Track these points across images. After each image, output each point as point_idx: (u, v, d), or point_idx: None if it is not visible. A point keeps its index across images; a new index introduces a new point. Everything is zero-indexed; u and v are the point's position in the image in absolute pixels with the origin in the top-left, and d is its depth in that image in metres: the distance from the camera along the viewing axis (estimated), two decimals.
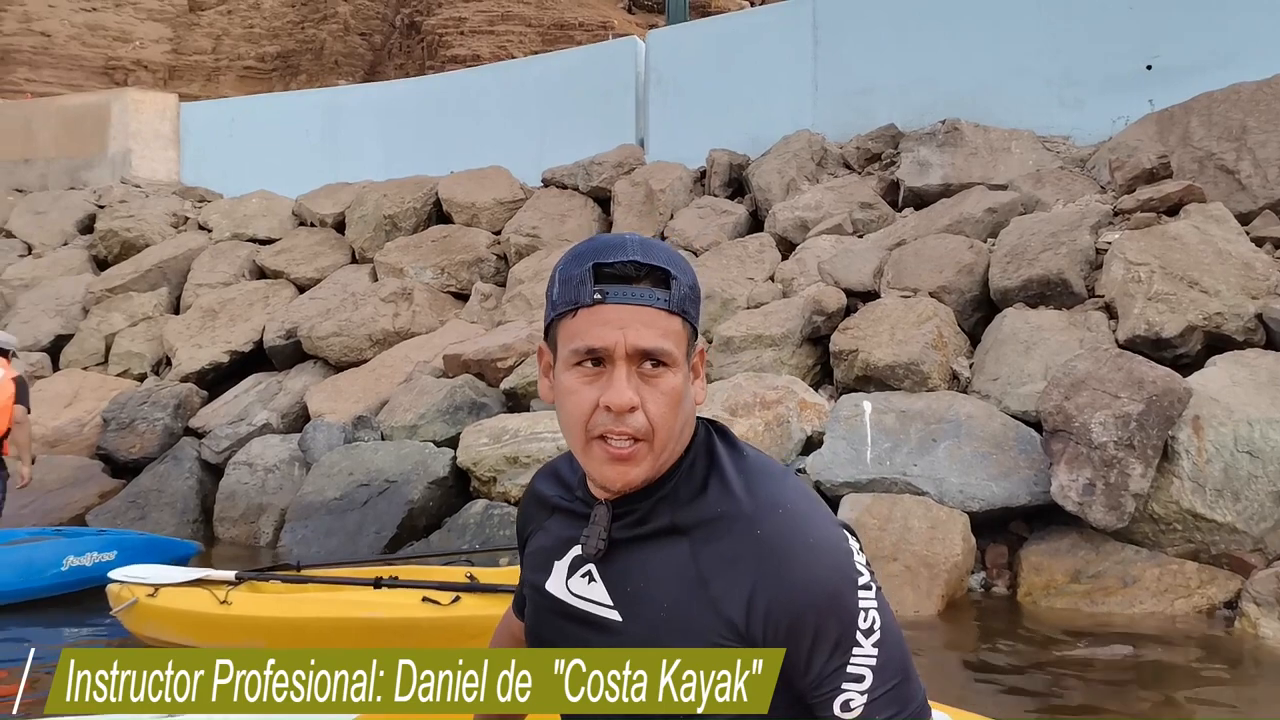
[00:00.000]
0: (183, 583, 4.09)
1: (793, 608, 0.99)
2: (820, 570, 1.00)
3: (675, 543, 1.04)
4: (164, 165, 12.62)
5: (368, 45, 26.17)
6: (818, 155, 8.64)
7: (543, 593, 1.15)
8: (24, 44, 26.47)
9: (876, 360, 5.96)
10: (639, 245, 1.03)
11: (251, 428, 7.64)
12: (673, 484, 1.06)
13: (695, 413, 1.08)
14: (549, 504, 1.19)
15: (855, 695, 1.00)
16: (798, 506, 1.04)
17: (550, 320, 1.06)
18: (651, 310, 1.01)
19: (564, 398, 1.04)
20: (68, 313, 9.81)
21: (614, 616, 1.06)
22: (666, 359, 1.01)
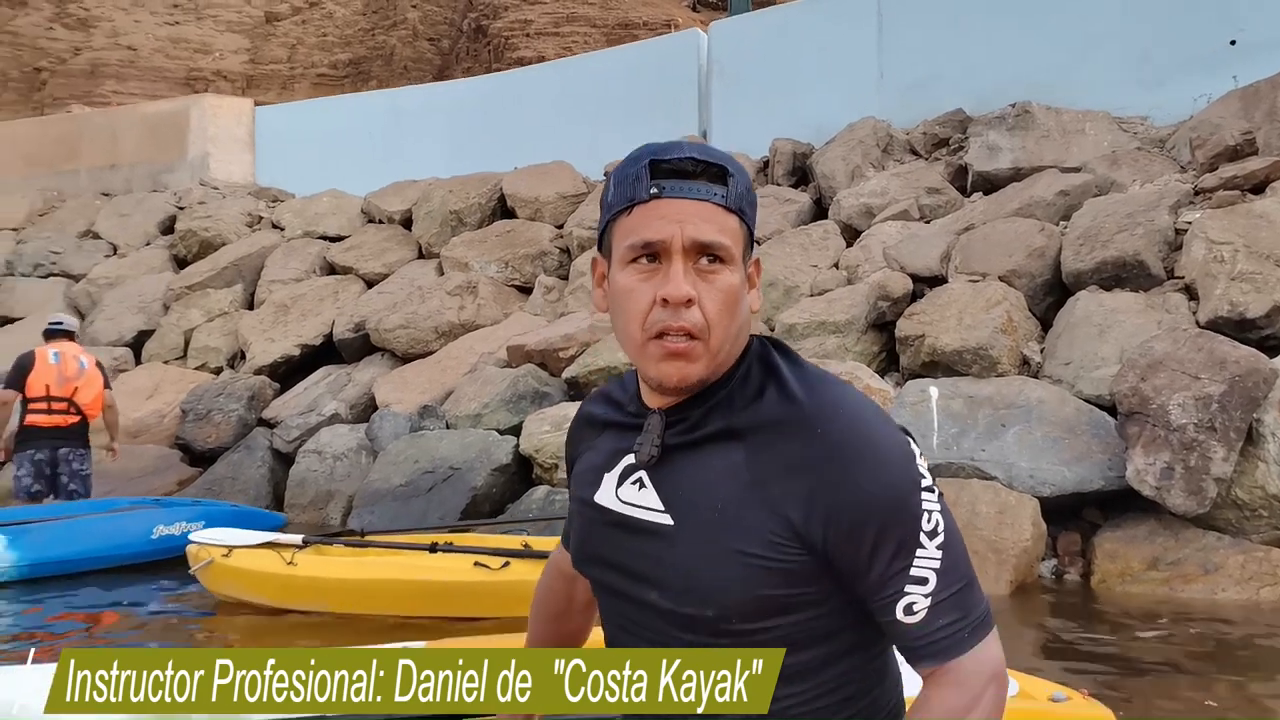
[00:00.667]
0: (254, 545, 4.30)
1: (857, 509, 0.97)
2: (885, 471, 0.98)
3: (730, 447, 1.03)
4: (240, 167, 13.02)
5: (436, 50, 26.62)
6: (883, 142, 8.50)
7: (592, 505, 1.14)
8: (112, 58, 27.58)
9: (944, 345, 5.83)
10: (696, 146, 1.02)
11: (321, 418, 7.80)
12: (727, 390, 1.04)
13: (750, 322, 1.07)
14: (599, 422, 1.19)
15: (919, 598, 0.98)
16: (859, 409, 1.02)
17: (605, 224, 1.05)
18: (709, 205, 1.00)
19: (620, 296, 1.03)
20: (149, 309, 10.16)
21: (666, 520, 1.05)
22: (723, 254, 1.00)
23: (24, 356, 6.29)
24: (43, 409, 6.16)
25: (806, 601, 1.01)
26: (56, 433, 6.21)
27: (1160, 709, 3.21)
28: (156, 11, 28.72)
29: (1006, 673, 1.03)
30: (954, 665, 0.99)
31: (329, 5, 28.43)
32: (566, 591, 1.38)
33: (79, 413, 6.29)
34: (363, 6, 28.00)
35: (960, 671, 0.99)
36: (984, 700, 0.99)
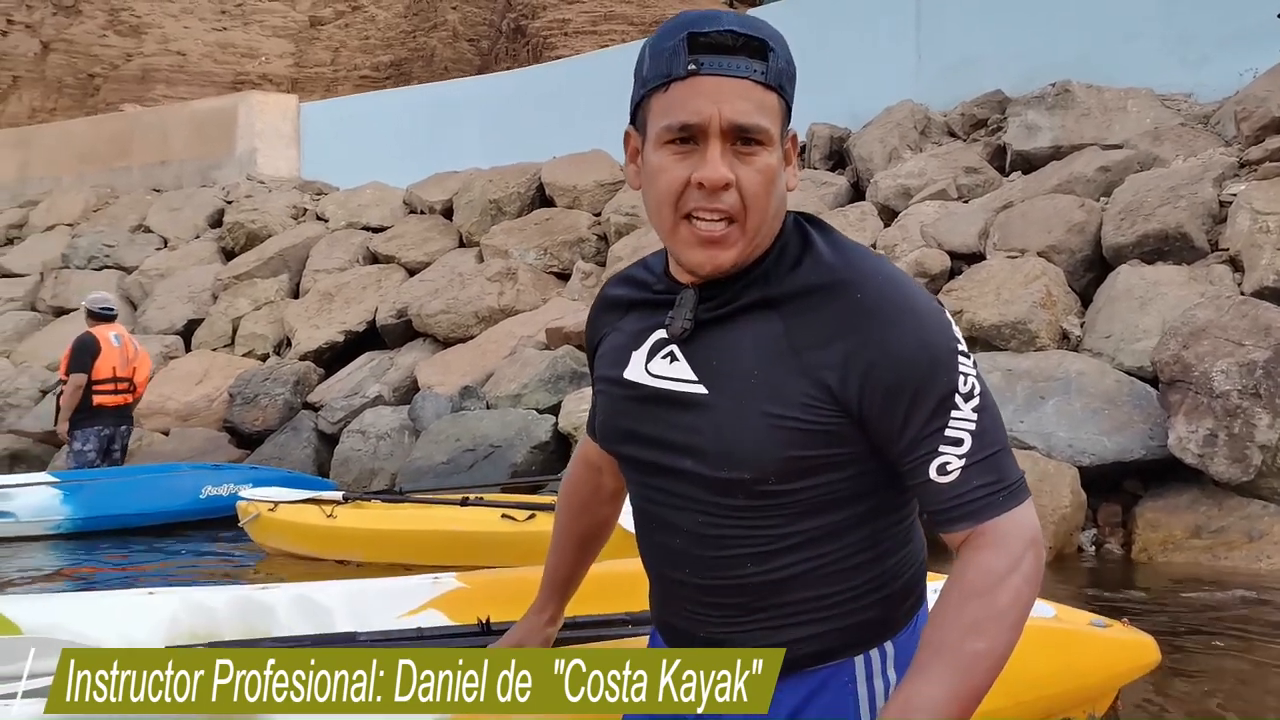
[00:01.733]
0: (298, 500, 4.51)
1: (896, 368, 0.96)
2: (924, 333, 0.97)
3: (766, 317, 1.02)
4: (285, 162, 13.29)
5: (475, 50, 26.89)
6: (921, 124, 8.47)
7: (620, 383, 1.12)
8: (162, 63, 28.22)
9: (982, 320, 5.81)
10: (735, 17, 1.00)
11: (365, 399, 7.96)
12: (764, 267, 1.03)
13: (787, 200, 1.06)
14: (623, 303, 1.17)
15: (953, 459, 0.97)
16: (895, 273, 1.02)
17: (639, 99, 1.02)
18: (748, 83, 0.96)
19: (654, 176, 1.01)
20: (199, 299, 10.43)
21: (699, 390, 1.04)
22: (762, 136, 0.97)
23: (86, 341, 6.55)
24: (109, 389, 6.53)
25: (841, 462, 1.01)
26: (120, 411, 6.70)
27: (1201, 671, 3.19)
28: (205, 18, 29.36)
29: (1042, 543, 1.01)
30: (990, 526, 0.97)
31: (371, 8, 28.87)
32: (593, 482, 1.39)
33: (133, 391, 6.75)
34: (404, 9, 28.39)
35: (997, 533, 0.97)
36: (1024, 563, 0.96)
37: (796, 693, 1.06)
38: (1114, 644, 2.20)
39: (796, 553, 1.05)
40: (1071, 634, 2.15)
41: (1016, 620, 0.95)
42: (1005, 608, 0.94)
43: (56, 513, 5.40)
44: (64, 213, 13.21)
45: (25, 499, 5.40)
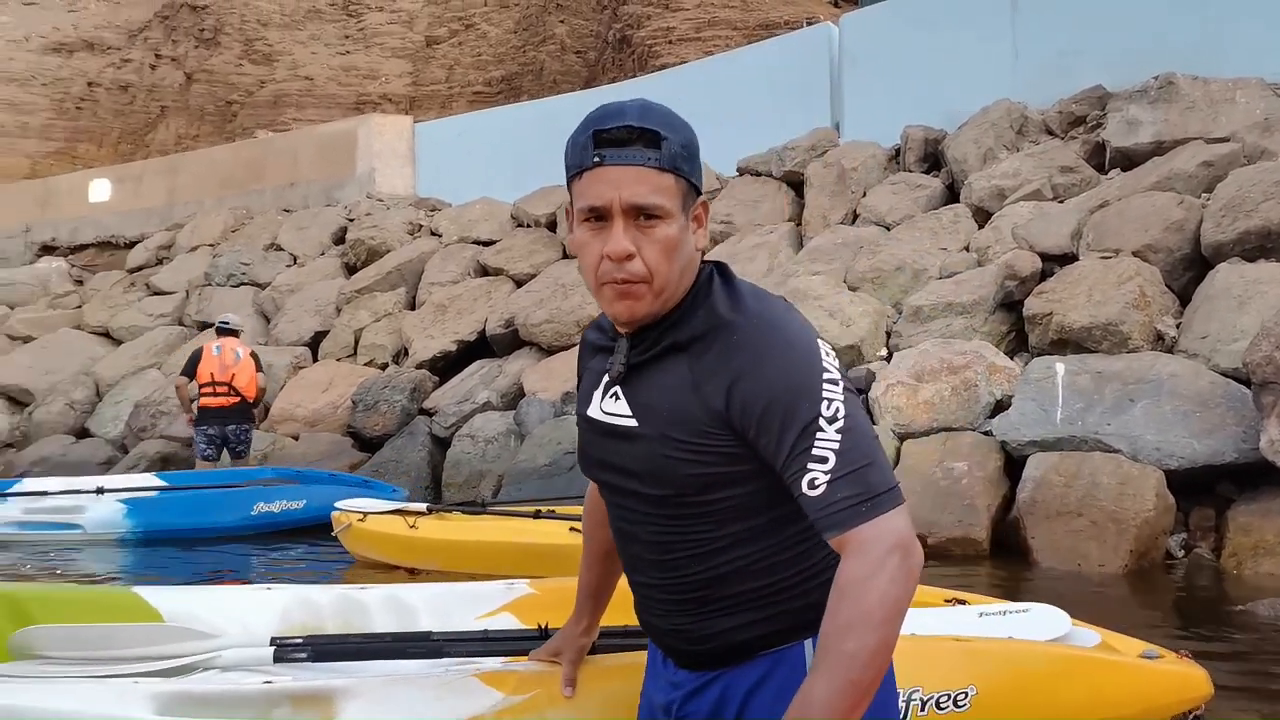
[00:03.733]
0: (385, 511, 4.83)
1: (765, 394, 1.13)
2: (789, 363, 1.14)
3: (677, 359, 1.21)
4: (402, 180, 14.04)
5: (583, 62, 27.49)
6: (1017, 123, 8.37)
7: (587, 419, 1.34)
8: (292, 89, 29.95)
9: (1072, 322, 5.79)
10: (637, 110, 1.17)
11: (474, 405, 8.42)
12: (678, 315, 1.22)
13: (697, 258, 1.24)
14: (592, 346, 1.38)
15: (819, 474, 1.10)
16: (774, 316, 1.20)
17: (567, 182, 1.23)
18: (643, 169, 1.14)
19: (578, 249, 1.22)
20: (324, 312, 11.17)
21: (633, 424, 1.24)
22: (658, 212, 1.15)
23: (195, 351, 7.70)
24: (209, 392, 7.54)
25: (743, 476, 1.19)
26: (222, 411, 7.59)
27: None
28: (330, 43, 31.02)
29: (916, 547, 1.10)
30: (854, 535, 1.08)
31: (483, 25, 29.89)
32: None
33: (238, 394, 7.59)
34: (514, 25, 29.27)
35: (862, 540, 1.08)
36: (887, 568, 1.06)
37: (753, 673, 1.25)
38: (1160, 676, 2.14)
39: (728, 552, 1.24)
40: (1111, 664, 2.15)
41: (884, 619, 1.05)
42: (870, 608, 1.04)
43: (120, 525, 5.92)
44: (206, 234, 14.30)
45: (93, 512, 5.97)
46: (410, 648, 1.99)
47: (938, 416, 5.70)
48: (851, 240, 7.98)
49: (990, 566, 4.75)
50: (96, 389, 11.53)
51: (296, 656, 1.96)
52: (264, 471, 7.03)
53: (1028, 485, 4.86)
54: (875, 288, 7.27)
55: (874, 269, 7.39)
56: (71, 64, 32.99)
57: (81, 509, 5.97)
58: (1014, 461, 5.23)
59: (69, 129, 31.91)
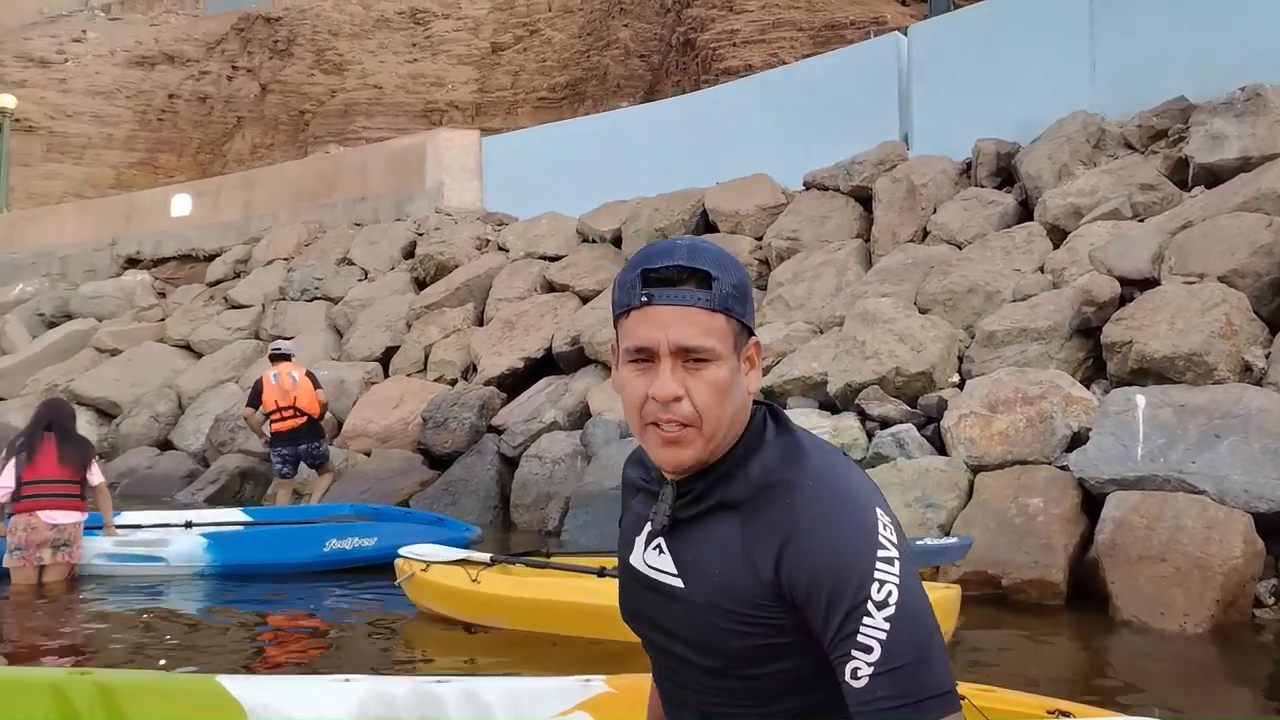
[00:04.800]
0: (448, 561, 4.76)
1: (810, 570, 1.05)
2: (842, 534, 1.06)
3: (727, 517, 1.14)
4: (469, 194, 14.25)
5: (646, 66, 27.54)
6: (1094, 137, 8.14)
7: (628, 567, 1.27)
8: (361, 97, 30.61)
9: (1153, 352, 5.60)
10: (686, 249, 1.14)
11: (542, 425, 8.51)
12: (726, 465, 1.15)
13: (749, 401, 1.18)
14: (633, 485, 1.31)
15: (863, 665, 1.02)
16: (833, 476, 1.12)
17: (614, 321, 1.19)
18: (693, 310, 1.10)
19: (622, 389, 1.16)
20: (395, 327, 11.39)
21: (678, 584, 1.17)
22: (708, 355, 1.10)
23: (256, 383, 8.23)
24: (277, 418, 8.04)
25: (799, 648, 1.10)
26: (292, 433, 8.07)
27: None
28: (398, 51, 31.63)
29: None
30: None
31: (547, 31, 30.16)
32: None
33: (304, 414, 8.05)
34: (577, 30, 29.47)
35: None
36: None
37: None
38: None
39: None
40: None
41: None
42: None
43: (200, 560, 6.12)
44: (280, 248, 14.70)
45: (176, 546, 6.18)
46: None
47: (1012, 449, 5.58)
48: (922, 260, 7.86)
49: (1066, 617, 4.63)
50: (179, 401, 11.95)
51: None
52: (341, 508, 7.23)
53: (1107, 526, 4.73)
54: (946, 310, 7.15)
55: (945, 290, 7.27)
56: (153, 77, 34.22)
57: (166, 543, 6.20)
58: (1092, 499, 5.10)
59: (151, 139, 33.12)
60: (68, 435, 6.07)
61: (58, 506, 5.83)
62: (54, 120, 32.68)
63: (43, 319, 15.90)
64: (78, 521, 5.93)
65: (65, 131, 32.59)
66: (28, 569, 5.77)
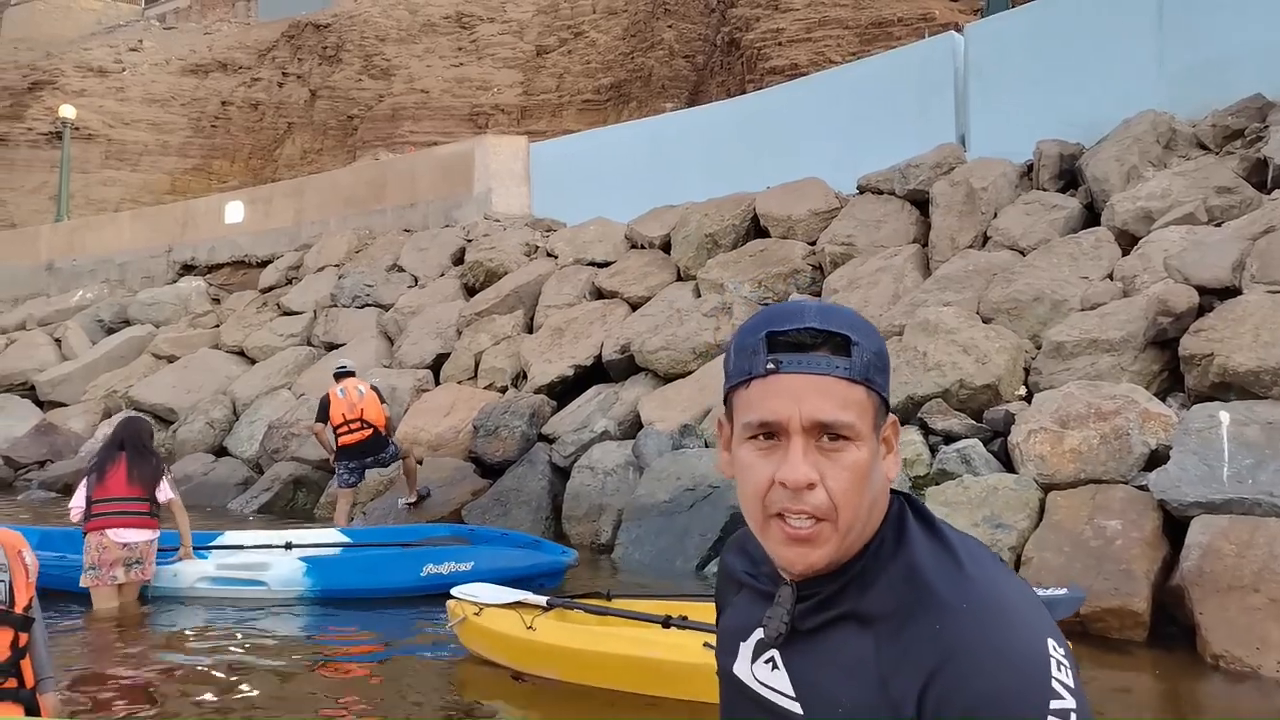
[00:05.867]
0: (501, 604, 4.49)
1: (961, 712, 0.86)
2: (1003, 681, 0.86)
3: (860, 634, 0.96)
4: (518, 200, 14.23)
5: (691, 66, 27.39)
6: (1164, 137, 7.84)
7: (731, 676, 1.09)
8: (408, 101, 30.88)
9: (1237, 365, 5.35)
10: (817, 312, 0.98)
11: (593, 434, 8.42)
12: (860, 566, 0.97)
13: (887, 490, 1.01)
14: (737, 580, 1.13)
15: None
16: (993, 601, 0.92)
17: (727, 392, 1.01)
18: (830, 379, 0.94)
19: (740, 473, 0.98)
20: (445, 334, 11.38)
21: (796, 709, 0.99)
22: (848, 432, 0.94)
23: (324, 398, 8.38)
24: (344, 431, 8.13)
25: None
26: (359, 446, 8.15)
27: None
28: (444, 55, 31.83)
29: None
30: None
31: (591, 33, 30.13)
32: None
33: (370, 426, 8.14)
34: (622, 32, 29.39)
35: None
36: None
37: None
38: None
39: None
40: None
41: None
42: None
43: (299, 584, 6.15)
44: (331, 254, 14.81)
45: (276, 570, 6.23)
46: None
47: (1085, 467, 5.36)
48: (983, 266, 7.63)
49: (1149, 652, 4.40)
50: (233, 408, 12.07)
51: None
52: (438, 529, 7.22)
53: (1193, 553, 4.50)
54: (1011, 319, 6.92)
55: (1009, 299, 7.04)
56: (207, 84, 34.85)
57: (266, 566, 6.26)
58: (1173, 521, 4.87)
59: (205, 146, 33.73)
60: (140, 453, 6.06)
61: (127, 524, 5.85)
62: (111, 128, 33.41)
63: (101, 325, 16.20)
64: (149, 540, 5.95)
65: (122, 139, 33.32)
66: (104, 589, 5.82)
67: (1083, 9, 9.19)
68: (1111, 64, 8.75)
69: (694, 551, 6.62)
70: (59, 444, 12.34)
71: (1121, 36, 8.78)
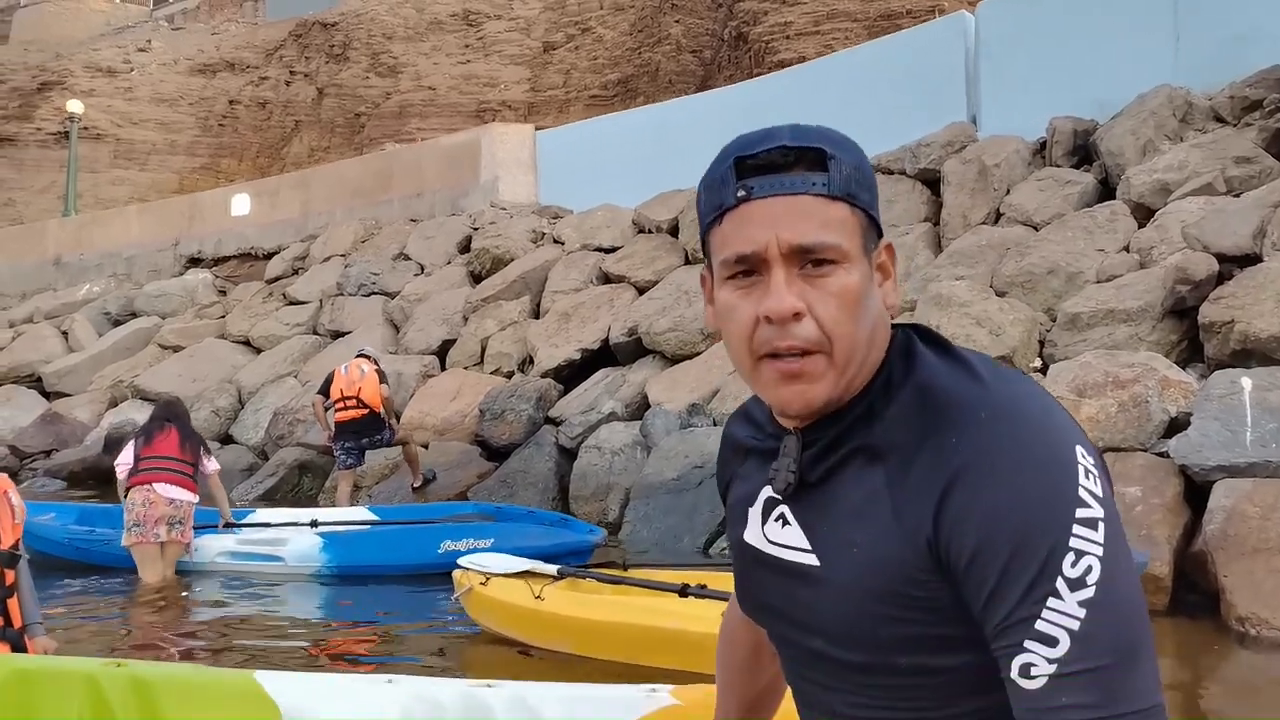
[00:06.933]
0: (510, 574, 4.26)
1: (980, 526, 0.78)
2: (1024, 483, 0.78)
3: (870, 470, 0.88)
4: (524, 188, 14.15)
5: (698, 61, 27.30)
6: (1180, 111, 7.71)
7: (742, 546, 1.02)
8: (416, 99, 30.90)
9: (1258, 331, 5.23)
10: (789, 130, 0.89)
11: (600, 415, 8.33)
12: (866, 403, 0.89)
13: (887, 321, 0.93)
14: (743, 447, 1.05)
15: (1040, 661, 0.76)
16: (1015, 407, 0.83)
17: (703, 236, 0.93)
18: (806, 199, 0.85)
19: (723, 319, 0.90)
20: (451, 321, 11.31)
21: (813, 561, 0.92)
22: (832, 254, 0.85)
23: (329, 373, 8.38)
24: (340, 408, 8.09)
25: (970, 641, 0.83)
26: (354, 424, 8.08)
27: None
28: (451, 53, 31.83)
29: None
30: None
31: (598, 29, 30.09)
32: (751, 639, 1.21)
33: (365, 406, 8.06)
34: (629, 27, 29.34)
35: None
36: None
37: None
38: None
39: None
40: None
41: None
42: None
43: (316, 560, 6.12)
44: (337, 245, 14.76)
45: (294, 545, 6.20)
46: None
47: (1104, 435, 5.24)
48: (996, 241, 7.51)
49: (1174, 621, 4.27)
50: (239, 396, 12.02)
51: None
52: (464, 507, 7.15)
53: (1217, 516, 4.39)
54: (1025, 293, 6.81)
55: (1023, 272, 6.92)
56: (215, 84, 34.93)
57: (284, 542, 6.24)
58: (1195, 487, 4.75)
59: (213, 145, 33.79)
60: (187, 425, 6.39)
61: (173, 482, 5.96)
62: (120, 128, 33.50)
63: (108, 318, 16.18)
64: (192, 501, 6.08)
65: (131, 139, 33.41)
66: (147, 546, 5.85)
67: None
68: (1125, 42, 8.62)
69: (702, 528, 6.51)
70: (64, 433, 12.29)
71: (1135, 13, 8.65)
